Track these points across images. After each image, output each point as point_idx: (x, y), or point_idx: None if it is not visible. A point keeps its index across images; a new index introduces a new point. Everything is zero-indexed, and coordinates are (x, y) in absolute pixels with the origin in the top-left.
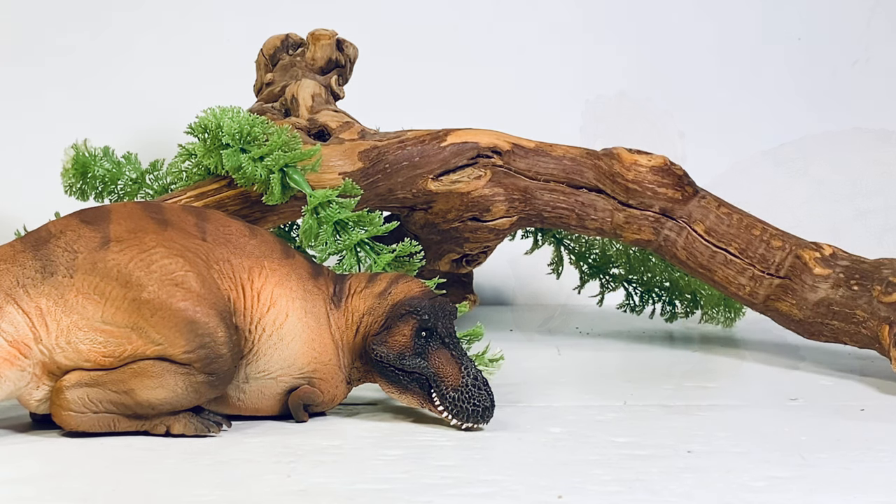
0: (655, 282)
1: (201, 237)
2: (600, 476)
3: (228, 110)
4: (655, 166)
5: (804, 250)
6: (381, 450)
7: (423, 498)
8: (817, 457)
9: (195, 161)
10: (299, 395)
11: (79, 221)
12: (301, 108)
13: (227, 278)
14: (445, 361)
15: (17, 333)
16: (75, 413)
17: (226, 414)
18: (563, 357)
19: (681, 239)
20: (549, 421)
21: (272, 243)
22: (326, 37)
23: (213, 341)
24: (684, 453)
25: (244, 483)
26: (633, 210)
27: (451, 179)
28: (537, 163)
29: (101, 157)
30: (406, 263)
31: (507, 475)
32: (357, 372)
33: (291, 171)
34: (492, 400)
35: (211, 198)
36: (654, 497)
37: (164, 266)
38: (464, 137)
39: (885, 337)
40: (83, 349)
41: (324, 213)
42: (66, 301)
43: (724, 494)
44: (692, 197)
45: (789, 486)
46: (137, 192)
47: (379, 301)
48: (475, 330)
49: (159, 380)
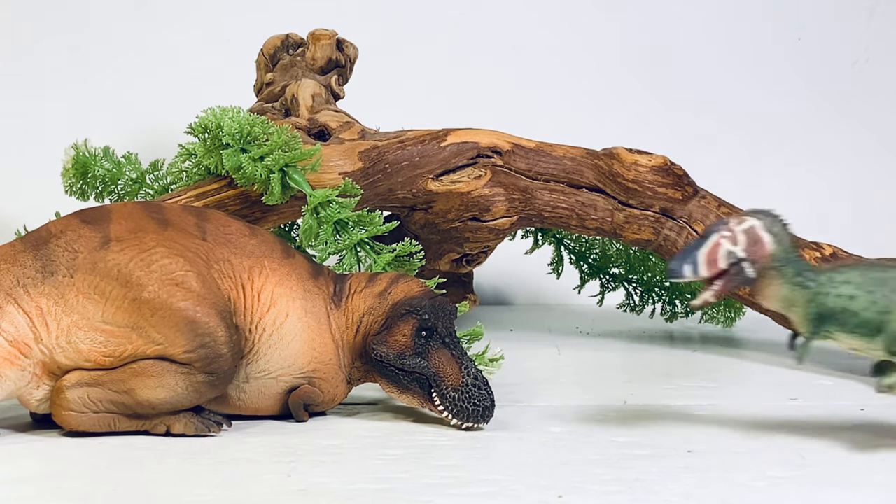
0: (655, 282)
1: (201, 237)
2: (600, 476)
3: (228, 110)
4: (655, 166)
5: (804, 250)
6: (381, 450)
7: (423, 498)
8: (817, 457)
9: (195, 161)
10: (299, 394)
11: (79, 221)
12: (301, 107)
13: (227, 278)
14: (445, 361)
15: (17, 333)
16: (75, 413)
17: (226, 414)
18: (563, 357)
19: (681, 239)
20: (549, 421)
21: (272, 243)
22: (326, 37)
23: (213, 341)
24: (684, 453)
25: (244, 483)
26: (633, 210)
27: (452, 179)
28: (537, 163)
29: (101, 157)
30: (406, 263)
31: (507, 475)
32: (357, 372)
33: (291, 171)
34: (492, 400)
35: (211, 198)
36: (654, 497)
37: (165, 266)
38: (464, 137)
39: None
40: (83, 349)
41: (324, 212)
42: (67, 301)
43: (724, 494)
44: (692, 197)
45: (789, 486)
46: (137, 192)
47: (379, 301)
48: (475, 330)
49: (159, 379)
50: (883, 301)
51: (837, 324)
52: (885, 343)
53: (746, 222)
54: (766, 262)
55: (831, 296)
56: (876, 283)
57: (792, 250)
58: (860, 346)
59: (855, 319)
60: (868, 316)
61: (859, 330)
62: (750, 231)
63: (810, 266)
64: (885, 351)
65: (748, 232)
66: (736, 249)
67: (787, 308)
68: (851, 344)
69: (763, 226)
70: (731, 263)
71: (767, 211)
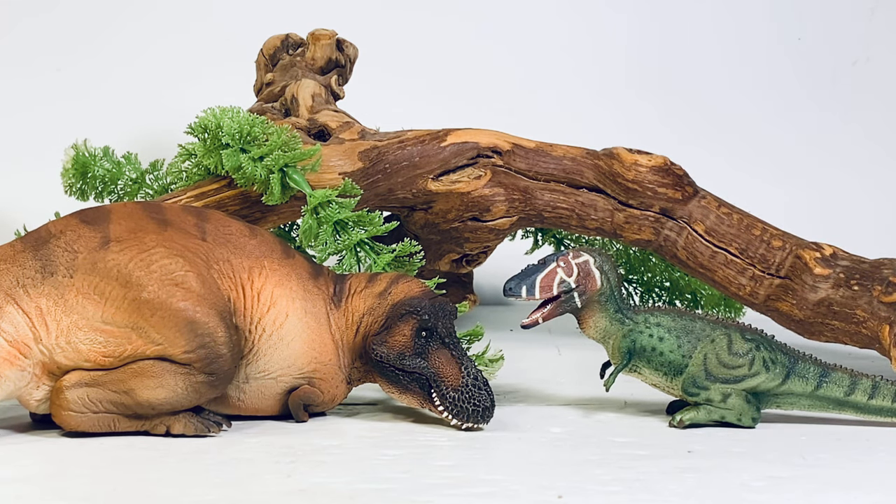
0: (655, 282)
1: (201, 237)
2: (600, 476)
3: (228, 110)
4: (655, 166)
5: (804, 250)
6: (381, 450)
7: (423, 498)
8: (817, 457)
9: (195, 161)
10: (299, 395)
11: (79, 221)
12: (301, 108)
13: (227, 278)
14: (445, 361)
15: (17, 333)
16: (75, 413)
17: (226, 414)
18: (563, 357)
19: (681, 239)
20: (549, 421)
21: (272, 243)
22: (326, 37)
23: (213, 341)
24: (684, 453)
25: (244, 483)
26: (633, 210)
27: (451, 179)
28: (537, 163)
29: (101, 157)
30: (406, 263)
31: (507, 475)
32: (357, 372)
33: (291, 171)
34: (492, 400)
35: (211, 198)
36: (654, 497)
37: (164, 266)
38: (464, 137)
39: (885, 337)
40: (83, 349)
41: (324, 213)
42: (66, 301)
43: (724, 494)
44: (692, 197)
45: (789, 486)
46: (137, 192)
47: (379, 301)
48: (475, 330)
49: (159, 380)
50: (687, 346)
51: (645, 360)
52: (682, 384)
53: (582, 257)
54: (592, 294)
55: (644, 335)
56: (683, 330)
57: (617, 289)
58: (661, 383)
59: (661, 358)
60: (673, 357)
61: (663, 368)
62: (583, 265)
63: (630, 306)
64: (682, 391)
65: (582, 266)
66: (569, 280)
67: (604, 339)
68: (654, 380)
69: (595, 262)
70: (562, 291)
71: (602, 251)
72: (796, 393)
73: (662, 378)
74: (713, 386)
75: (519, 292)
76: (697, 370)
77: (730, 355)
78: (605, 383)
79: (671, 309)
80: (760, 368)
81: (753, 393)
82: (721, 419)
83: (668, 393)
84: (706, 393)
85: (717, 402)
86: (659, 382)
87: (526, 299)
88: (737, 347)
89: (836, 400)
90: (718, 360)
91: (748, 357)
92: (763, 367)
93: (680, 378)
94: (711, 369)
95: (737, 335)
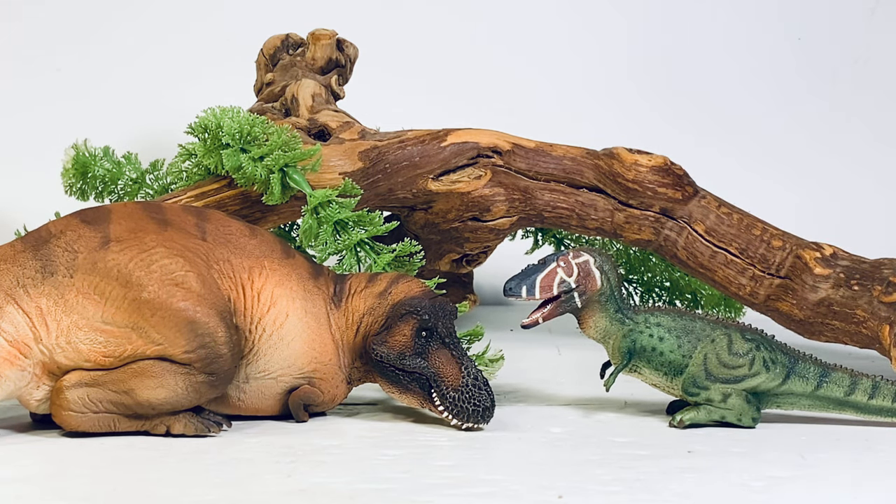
0: (655, 282)
1: (201, 237)
2: (600, 476)
3: (228, 110)
4: (656, 166)
5: (804, 250)
6: (381, 450)
7: (423, 498)
8: (817, 457)
9: (195, 161)
10: (299, 395)
11: (79, 221)
12: (301, 107)
13: (227, 278)
14: (445, 361)
15: (17, 333)
16: (75, 413)
17: (226, 414)
18: (563, 357)
19: (681, 239)
20: (549, 421)
21: (272, 243)
22: (326, 37)
23: (213, 341)
24: (684, 453)
25: (244, 483)
26: (633, 210)
27: (452, 179)
28: (537, 163)
29: (101, 157)
30: (406, 263)
31: (507, 475)
32: (357, 372)
33: (291, 171)
34: (492, 400)
35: (211, 198)
36: (654, 497)
37: (165, 266)
38: (464, 137)
39: (885, 337)
40: (83, 349)
41: (324, 212)
42: (67, 301)
43: (724, 494)
44: (692, 197)
45: (789, 486)
46: (137, 192)
47: (379, 301)
48: (475, 330)
49: (159, 380)
50: (687, 346)
51: (645, 360)
52: (682, 384)
53: (582, 257)
54: (592, 295)
55: (644, 335)
56: (684, 330)
57: (617, 289)
58: (661, 383)
59: (661, 358)
60: (673, 357)
61: (663, 368)
62: (583, 265)
63: (630, 306)
64: (682, 391)
65: (582, 266)
66: (569, 280)
67: (604, 339)
68: (654, 380)
69: (595, 262)
70: (562, 291)
71: (602, 251)
72: (796, 393)
73: (662, 378)
74: (713, 386)
75: (519, 292)
76: (697, 370)
77: (730, 355)
78: (606, 383)
79: (671, 309)
80: (760, 368)
81: (753, 393)
82: (721, 419)
83: (669, 393)
84: (706, 393)
85: (717, 402)
86: (659, 382)
87: (526, 299)
88: (737, 347)
89: (837, 400)
90: (718, 360)
91: (748, 357)
92: (763, 367)
93: (680, 378)
94: (711, 369)
95: (737, 335)
